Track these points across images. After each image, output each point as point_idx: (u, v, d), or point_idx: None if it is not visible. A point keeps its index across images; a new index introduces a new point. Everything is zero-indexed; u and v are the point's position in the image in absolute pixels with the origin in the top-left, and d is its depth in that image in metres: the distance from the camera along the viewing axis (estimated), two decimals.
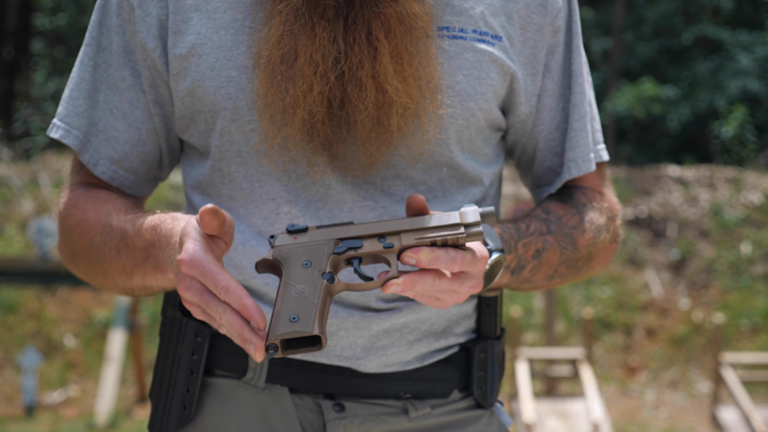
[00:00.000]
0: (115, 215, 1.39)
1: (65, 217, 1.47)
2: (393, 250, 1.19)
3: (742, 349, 8.75)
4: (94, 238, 1.41)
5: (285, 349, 1.12)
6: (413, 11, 1.33)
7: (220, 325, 1.15)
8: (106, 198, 1.44)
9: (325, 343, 1.12)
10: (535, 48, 1.46)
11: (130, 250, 1.35)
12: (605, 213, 1.52)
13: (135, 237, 1.33)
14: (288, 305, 1.13)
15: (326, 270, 1.17)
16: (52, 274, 7.59)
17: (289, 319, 1.11)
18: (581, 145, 1.50)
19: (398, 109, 1.32)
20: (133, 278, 1.38)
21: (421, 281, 1.18)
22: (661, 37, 16.18)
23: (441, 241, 1.18)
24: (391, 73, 1.31)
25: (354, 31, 1.31)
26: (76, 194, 1.48)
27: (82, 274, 1.49)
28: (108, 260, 1.40)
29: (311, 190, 1.38)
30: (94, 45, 1.46)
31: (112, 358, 7.15)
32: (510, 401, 6.75)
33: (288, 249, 1.19)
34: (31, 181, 10.72)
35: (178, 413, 1.41)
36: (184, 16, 1.39)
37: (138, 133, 1.46)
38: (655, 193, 10.64)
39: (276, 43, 1.32)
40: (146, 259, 1.32)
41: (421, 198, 1.21)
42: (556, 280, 1.48)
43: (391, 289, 1.16)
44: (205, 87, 1.37)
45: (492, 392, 1.48)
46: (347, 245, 1.19)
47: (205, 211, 1.15)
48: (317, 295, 1.14)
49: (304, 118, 1.32)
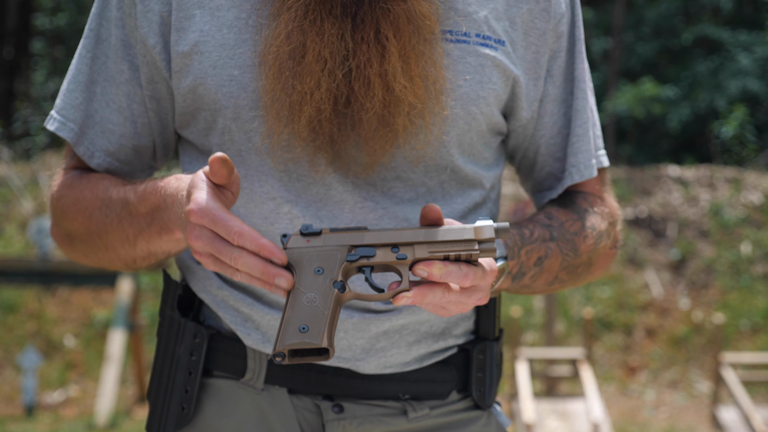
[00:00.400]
0: (114, 188, 1.40)
1: (58, 199, 1.46)
2: (406, 262, 1.18)
3: (742, 349, 8.75)
4: (93, 213, 1.41)
5: (292, 357, 1.12)
6: (421, 11, 1.33)
7: (235, 271, 1.16)
8: (101, 176, 1.45)
9: (332, 355, 1.12)
10: (537, 53, 1.46)
11: (134, 217, 1.35)
12: (606, 218, 1.52)
13: (138, 203, 1.34)
14: (298, 314, 1.12)
15: (338, 278, 1.16)
16: (52, 274, 7.60)
17: (298, 329, 1.11)
18: (583, 151, 1.50)
19: (405, 108, 1.32)
20: (136, 246, 1.38)
21: (431, 294, 1.18)
22: (661, 37, 16.18)
23: (454, 255, 1.18)
24: (399, 72, 1.31)
25: (363, 29, 1.31)
26: (70, 176, 1.48)
27: (78, 253, 1.49)
28: (109, 232, 1.40)
29: (311, 190, 1.38)
30: (93, 37, 1.46)
31: (112, 358, 7.15)
32: (510, 401, 6.75)
33: (301, 252, 1.18)
34: (31, 181, 10.72)
35: (177, 414, 1.41)
36: (187, 13, 1.39)
37: (133, 126, 1.45)
38: (655, 193, 10.64)
39: (284, 39, 1.31)
40: (151, 222, 1.33)
41: (437, 209, 1.20)
42: (555, 285, 1.48)
43: (401, 301, 1.16)
44: (207, 85, 1.37)
45: (490, 393, 1.48)
46: (360, 253, 1.18)
47: (215, 159, 1.16)
48: (328, 305, 1.13)
49: (310, 114, 1.32)
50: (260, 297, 1.40)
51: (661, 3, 16.16)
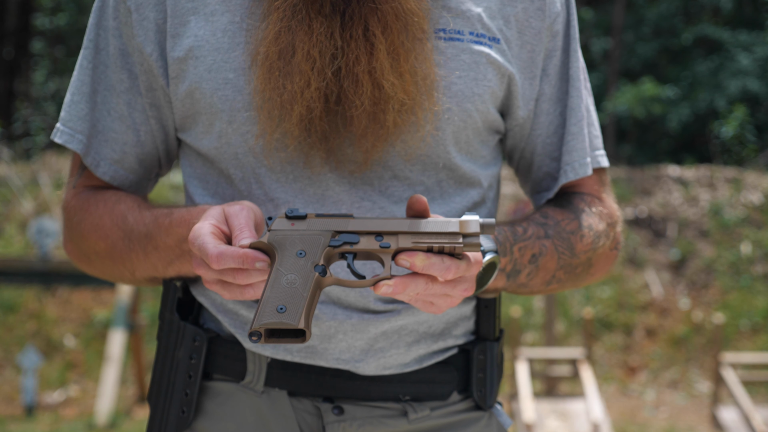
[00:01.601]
0: (131, 217, 1.41)
1: (78, 223, 1.47)
2: (389, 251, 1.18)
3: (742, 349, 8.75)
4: (116, 243, 1.42)
5: (268, 338, 1.11)
6: (409, 7, 1.33)
7: (243, 289, 1.17)
8: (116, 199, 1.45)
9: (309, 338, 1.11)
10: (532, 52, 1.46)
11: (161, 250, 1.37)
12: (605, 219, 1.51)
13: (165, 235, 1.35)
14: (277, 294, 1.12)
15: (320, 262, 1.16)
16: (52, 274, 7.59)
17: (276, 309, 1.10)
18: (578, 149, 1.50)
19: (394, 105, 1.33)
20: (168, 271, 1.40)
21: (413, 284, 1.17)
22: (661, 37, 16.18)
23: (438, 248, 1.17)
24: (388, 69, 1.31)
25: (351, 27, 1.31)
26: (84, 198, 1.48)
27: (98, 272, 1.51)
28: (135, 262, 1.41)
29: (309, 191, 1.38)
30: (92, 47, 1.46)
31: (112, 358, 7.15)
32: (510, 401, 6.75)
33: (284, 235, 1.18)
34: (31, 181, 10.72)
35: (177, 417, 1.41)
36: (181, 20, 1.39)
37: (136, 134, 1.46)
38: (655, 193, 10.64)
39: (273, 39, 1.32)
40: (181, 255, 1.35)
41: (423, 200, 1.20)
42: (554, 285, 1.48)
43: (381, 289, 1.15)
44: (203, 89, 1.38)
45: (491, 394, 1.48)
46: (344, 239, 1.18)
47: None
48: (308, 287, 1.13)
49: (301, 113, 1.32)
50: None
51: (661, 3, 16.16)
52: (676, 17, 16.21)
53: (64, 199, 1.51)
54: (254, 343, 1.11)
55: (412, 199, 1.20)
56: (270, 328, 1.11)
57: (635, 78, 15.28)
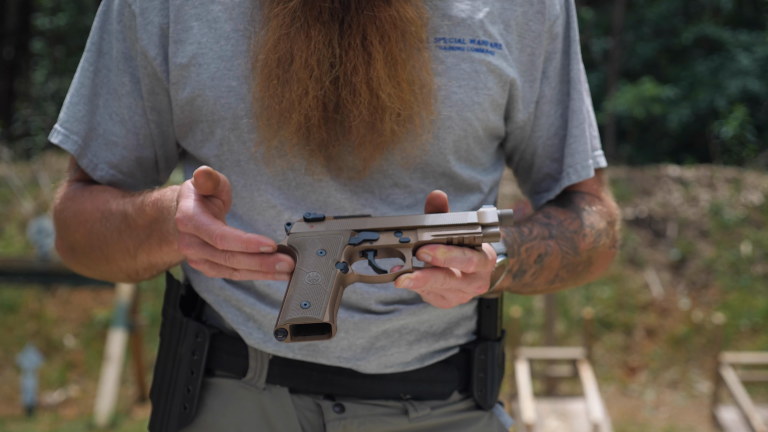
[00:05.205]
0: (113, 200, 1.40)
1: (61, 211, 1.47)
2: (409, 245, 1.18)
3: (742, 349, 8.75)
4: (94, 225, 1.41)
5: (294, 335, 1.12)
6: (407, 16, 1.33)
7: (234, 271, 1.16)
8: (102, 188, 1.45)
9: (335, 332, 1.11)
10: (533, 55, 1.46)
11: (133, 229, 1.35)
12: (605, 218, 1.52)
13: (137, 215, 1.34)
14: (300, 291, 1.12)
15: (341, 260, 1.16)
16: (52, 274, 7.59)
17: (300, 305, 1.11)
18: (580, 152, 1.51)
19: (392, 114, 1.33)
20: (137, 258, 1.38)
21: (433, 278, 1.17)
22: (661, 37, 16.19)
23: (458, 239, 1.18)
24: (385, 78, 1.32)
25: (349, 35, 1.31)
26: (72, 189, 1.49)
27: (81, 266, 1.50)
28: (110, 244, 1.40)
29: (310, 198, 1.38)
30: (95, 51, 1.47)
31: (112, 358, 7.15)
32: (510, 401, 6.75)
33: (303, 237, 1.19)
34: (31, 181, 10.72)
35: (179, 413, 1.41)
36: (185, 25, 1.39)
37: (136, 138, 1.46)
38: (655, 193, 10.64)
39: (272, 46, 1.32)
40: (150, 235, 1.33)
41: (443, 195, 1.20)
42: (556, 284, 1.48)
43: (404, 283, 1.15)
44: (206, 96, 1.38)
45: (492, 393, 1.48)
46: (363, 237, 1.19)
47: (199, 173, 1.16)
48: (330, 283, 1.13)
49: (299, 121, 1.32)
50: (262, 297, 1.40)
51: (661, 3, 16.17)
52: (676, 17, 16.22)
53: (54, 197, 1.51)
54: (280, 341, 1.10)
55: (432, 194, 1.20)
56: (295, 326, 1.11)
57: (635, 78, 15.29)
